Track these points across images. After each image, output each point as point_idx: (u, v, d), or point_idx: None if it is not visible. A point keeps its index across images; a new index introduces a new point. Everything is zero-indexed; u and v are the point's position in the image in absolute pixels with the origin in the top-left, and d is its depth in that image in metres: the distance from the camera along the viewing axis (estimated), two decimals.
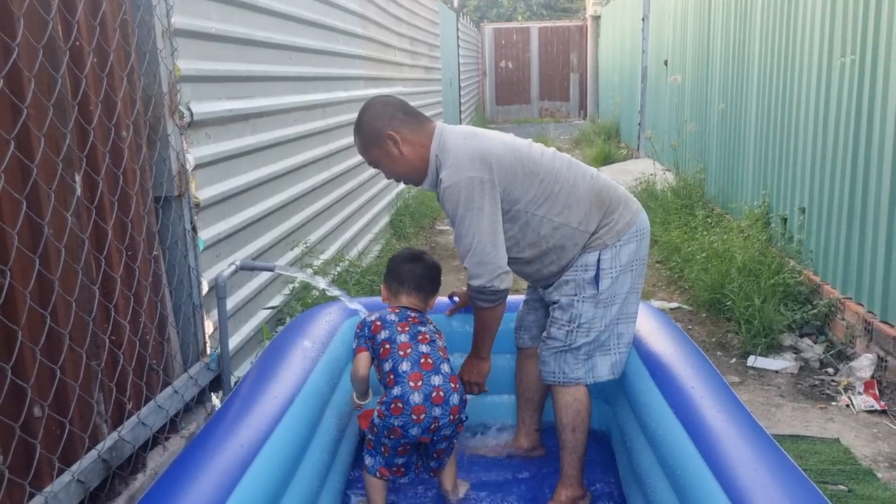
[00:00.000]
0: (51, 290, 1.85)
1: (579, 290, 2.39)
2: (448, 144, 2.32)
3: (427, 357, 2.34)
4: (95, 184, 2.09)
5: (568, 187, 2.37)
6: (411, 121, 2.37)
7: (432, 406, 2.29)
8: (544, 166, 2.36)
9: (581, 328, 2.40)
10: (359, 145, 2.42)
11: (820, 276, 4.51)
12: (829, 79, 4.39)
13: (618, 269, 2.39)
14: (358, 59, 5.81)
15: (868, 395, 3.56)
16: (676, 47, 9.01)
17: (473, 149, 2.30)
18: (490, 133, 2.44)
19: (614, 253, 2.38)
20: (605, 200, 2.40)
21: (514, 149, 2.36)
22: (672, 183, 7.80)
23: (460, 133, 2.38)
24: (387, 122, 2.34)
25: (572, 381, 2.44)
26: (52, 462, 1.85)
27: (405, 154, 2.35)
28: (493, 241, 2.27)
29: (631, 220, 2.42)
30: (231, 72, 3.32)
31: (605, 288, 2.38)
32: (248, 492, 1.83)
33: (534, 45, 22.35)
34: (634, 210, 2.46)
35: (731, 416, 2.06)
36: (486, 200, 2.26)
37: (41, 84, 1.85)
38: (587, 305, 2.39)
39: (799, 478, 1.77)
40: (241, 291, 3.32)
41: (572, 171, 2.41)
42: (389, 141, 2.33)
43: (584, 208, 2.37)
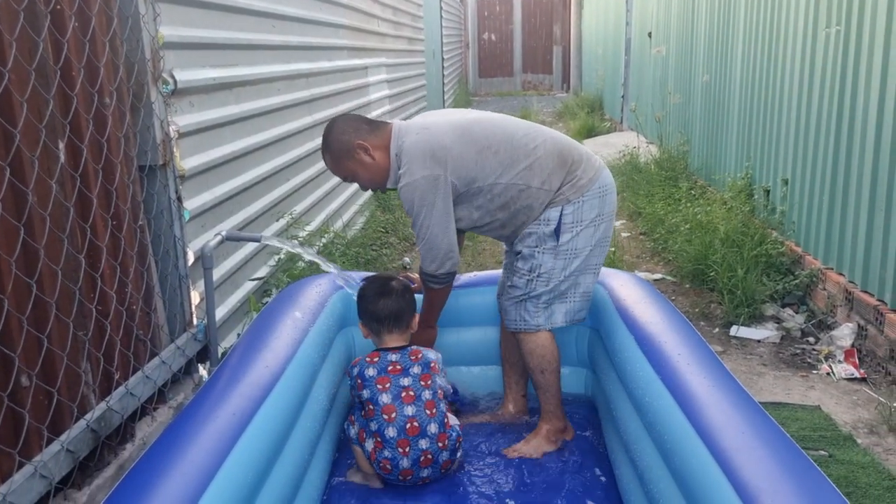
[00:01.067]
0: (36, 258, 1.83)
1: (540, 242, 2.52)
2: (404, 143, 2.44)
3: (413, 421, 2.34)
4: (79, 151, 2.06)
5: (527, 151, 2.47)
6: (373, 128, 2.50)
7: (420, 469, 2.35)
8: (497, 137, 2.47)
9: (540, 278, 2.53)
10: (331, 163, 2.54)
11: (802, 247, 4.56)
12: (814, 50, 4.40)
13: (580, 223, 2.50)
14: (341, 28, 5.74)
15: (848, 364, 3.62)
16: (661, 19, 8.98)
17: (425, 145, 2.41)
18: (442, 119, 2.53)
19: (576, 208, 2.49)
20: (566, 159, 2.50)
21: (465, 131, 2.46)
22: (656, 155, 7.82)
23: (413, 129, 2.48)
24: (353, 134, 2.47)
25: (533, 328, 2.58)
26: (41, 432, 1.84)
27: (377, 160, 2.47)
28: (443, 231, 2.42)
29: (594, 177, 2.53)
30: (214, 39, 3.27)
31: (564, 241, 2.50)
32: (242, 459, 1.84)
33: (517, 17, 22.21)
34: (597, 167, 2.56)
35: (717, 383, 2.09)
36: (439, 196, 2.40)
37: (22, 48, 1.81)
38: (547, 257, 2.52)
39: (784, 440, 1.80)
40: (227, 262, 3.30)
41: (530, 135, 2.51)
42: (360, 150, 2.45)
43: (547, 169, 2.47)
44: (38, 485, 1.78)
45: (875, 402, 3.28)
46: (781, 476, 1.67)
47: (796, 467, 1.72)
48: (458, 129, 2.47)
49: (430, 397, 2.39)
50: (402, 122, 2.56)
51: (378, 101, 7.24)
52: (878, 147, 3.64)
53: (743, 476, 1.68)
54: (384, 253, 5.42)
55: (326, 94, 5.15)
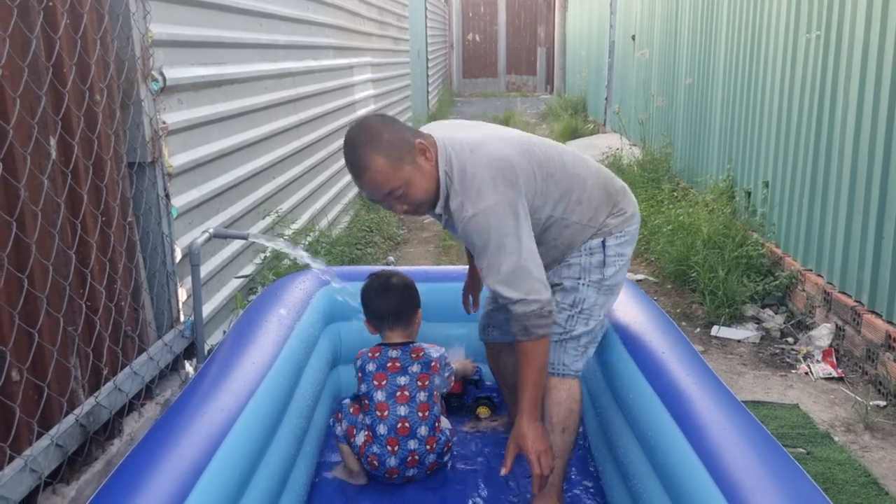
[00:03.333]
0: (27, 253, 1.84)
1: (584, 273, 2.22)
2: (459, 162, 2.02)
3: (404, 421, 2.36)
4: (70, 148, 2.07)
5: (580, 182, 2.17)
6: (417, 132, 2.08)
7: (406, 468, 2.38)
8: (555, 163, 2.15)
9: (582, 314, 2.23)
10: (385, 168, 1.96)
11: (782, 249, 4.63)
12: (795, 54, 4.48)
13: (621, 257, 2.26)
14: (327, 27, 5.75)
15: (826, 363, 3.69)
16: (644, 22, 9.06)
17: (490, 162, 2.01)
18: (494, 133, 2.17)
19: (619, 242, 2.24)
20: (611, 192, 2.25)
21: (527, 151, 2.11)
22: (639, 157, 7.89)
23: (464, 145, 2.05)
24: (409, 132, 2.03)
25: (572, 374, 2.25)
26: (31, 426, 1.85)
27: (431, 171, 2.03)
28: (534, 259, 2.02)
29: (634, 211, 2.30)
30: (203, 37, 3.27)
31: (609, 275, 2.23)
32: (230, 455, 1.85)
33: (501, 18, 22.29)
34: (635, 202, 2.34)
35: (700, 380, 2.13)
36: (522, 220, 2.01)
37: (15, 44, 1.82)
38: (591, 290, 2.23)
39: (764, 436, 1.85)
40: (214, 260, 3.31)
41: (577, 164, 2.21)
42: (420, 152, 2.00)
43: (594, 203, 2.20)
44: (28, 479, 1.79)
45: (852, 401, 3.35)
46: (762, 471, 1.71)
47: (776, 463, 1.76)
48: (518, 147, 2.10)
49: (425, 399, 2.40)
50: (440, 133, 2.13)
51: (363, 101, 7.25)
52: (856, 151, 3.71)
53: (725, 471, 1.72)
54: (368, 252, 5.44)
55: (312, 93, 5.16)
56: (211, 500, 1.71)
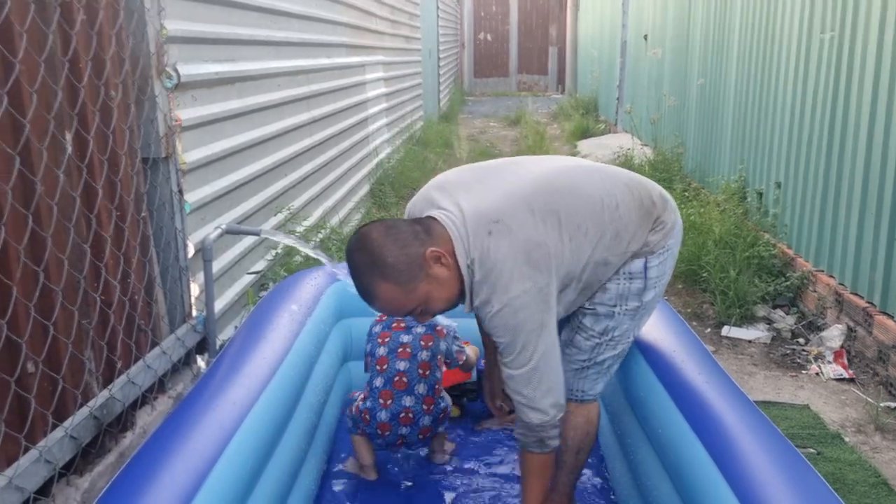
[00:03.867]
0: (43, 247, 1.86)
1: (622, 301, 1.98)
2: (478, 247, 1.77)
3: (402, 376, 2.36)
4: (85, 143, 2.09)
5: (612, 214, 1.89)
6: (427, 228, 1.80)
7: (399, 425, 2.35)
8: (581, 210, 1.86)
9: (612, 342, 2.03)
10: (397, 295, 1.76)
11: (793, 250, 4.61)
12: (808, 55, 4.46)
13: (662, 277, 2.02)
14: (339, 25, 5.77)
15: (837, 364, 3.67)
16: (657, 22, 9.04)
17: (516, 248, 1.76)
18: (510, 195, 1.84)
19: (661, 260, 1.99)
20: (647, 206, 1.96)
21: (552, 211, 1.82)
22: (650, 157, 7.87)
23: (480, 224, 1.78)
24: (415, 241, 1.76)
25: (591, 398, 2.11)
26: (46, 418, 1.86)
27: (452, 269, 1.79)
28: (557, 360, 1.85)
29: (675, 219, 2.03)
30: (217, 34, 3.29)
31: (648, 300, 2.01)
32: (241, 449, 1.86)
33: (513, 18, 22.26)
34: (674, 207, 2.05)
35: (712, 379, 2.13)
36: (547, 313, 1.80)
37: (32, 39, 1.84)
38: (626, 318, 2.01)
39: (776, 436, 1.85)
40: (226, 256, 3.32)
41: (607, 189, 1.92)
42: (433, 261, 1.76)
43: (633, 227, 1.93)
44: (43, 469, 1.81)
45: (863, 402, 3.34)
46: (774, 470, 1.71)
47: (788, 462, 1.76)
48: (539, 209, 1.81)
49: (427, 359, 2.39)
50: (451, 212, 1.83)
51: (375, 99, 7.27)
52: (869, 151, 3.69)
53: (736, 469, 1.72)
54: None
55: (325, 90, 5.18)
56: (222, 492, 1.72)
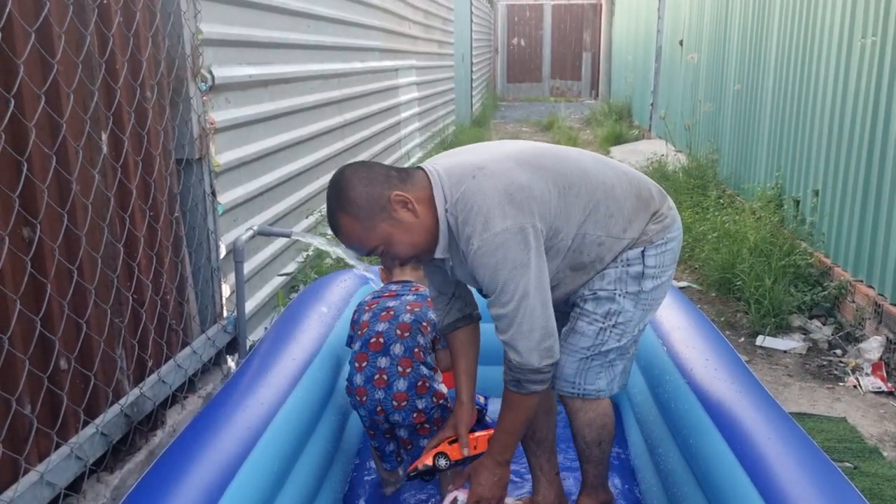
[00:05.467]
0: (77, 245, 1.88)
1: (621, 284, 1.95)
2: (458, 194, 1.78)
3: (379, 336, 2.21)
4: (121, 143, 2.11)
5: (606, 191, 1.90)
6: (405, 175, 1.83)
7: (374, 389, 2.18)
8: (574, 174, 1.88)
9: (616, 328, 1.96)
10: (356, 229, 1.78)
11: (831, 259, 4.52)
12: (849, 60, 4.37)
13: (662, 270, 1.99)
14: (373, 29, 5.79)
15: (876, 377, 3.58)
16: (693, 27, 8.94)
17: (495, 186, 1.76)
18: (494, 152, 1.90)
19: (660, 251, 1.97)
20: (645, 197, 1.97)
21: (536, 165, 1.85)
22: (684, 163, 7.78)
23: (465, 171, 1.81)
24: (384, 183, 1.78)
25: (592, 395, 2.01)
26: (78, 414, 1.89)
27: (421, 217, 1.79)
28: (544, 303, 1.79)
29: (674, 215, 2.04)
30: (251, 37, 3.32)
31: (648, 288, 1.96)
32: (268, 449, 1.87)
33: (547, 23, 22.19)
34: (672, 204, 2.07)
35: (745, 389, 2.08)
36: (532, 253, 1.75)
37: (70, 41, 1.86)
38: (628, 302, 1.95)
39: (811, 448, 1.80)
40: (257, 257, 3.35)
41: (601, 170, 1.94)
42: (398, 204, 1.77)
43: (628, 212, 1.93)
44: (74, 465, 1.83)
45: None
46: (808, 483, 1.67)
47: (824, 476, 1.72)
48: (525, 162, 1.84)
49: (409, 321, 2.23)
50: (437, 165, 1.87)
51: (407, 103, 7.29)
52: None
53: (770, 482, 1.68)
54: None
55: (358, 94, 5.20)
56: (249, 492, 1.73)
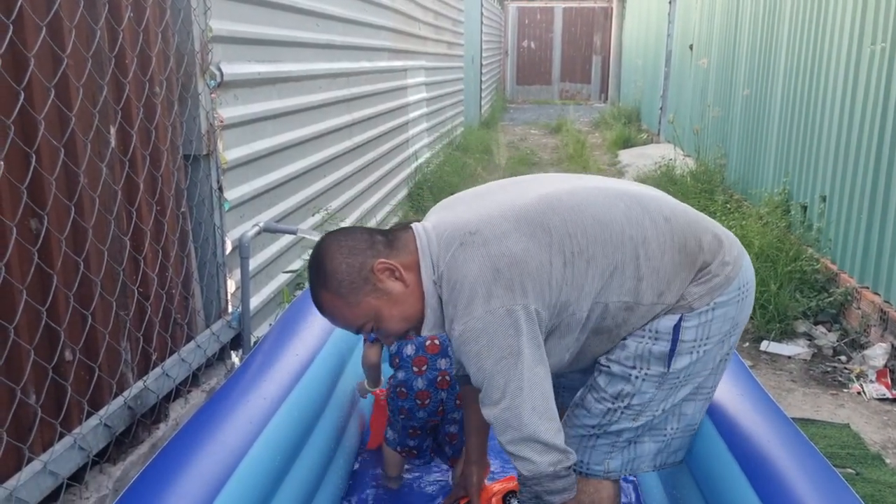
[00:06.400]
0: (84, 238, 1.89)
1: (641, 362, 1.66)
2: (444, 261, 1.56)
3: (434, 339, 2.28)
4: (129, 137, 2.13)
5: (634, 248, 1.59)
6: (391, 239, 1.64)
7: (437, 391, 2.28)
8: (588, 232, 1.57)
9: (629, 409, 1.70)
10: (339, 306, 1.62)
11: (837, 265, 4.51)
12: (858, 66, 4.36)
13: (705, 342, 1.65)
14: (383, 29, 5.81)
15: (880, 384, 3.58)
16: (703, 31, 8.93)
17: (484, 261, 1.52)
18: (492, 206, 1.61)
19: (703, 321, 1.63)
20: (691, 251, 1.63)
21: (536, 225, 1.56)
22: (692, 168, 7.77)
23: (455, 235, 1.57)
24: (367, 251, 1.60)
25: (597, 475, 1.76)
26: (82, 405, 1.90)
27: (410, 284, 1.60)
28: (544, 397, 1.54)
29: (731, 273, 1.65)
30: (261, 35, 3.34)
31: (679, 367, 1.66)
32: (269, 444, 1.88)
33: (557, 26, 22.20)
34: (737, 254, 1.68)
35: (746, 392, 2.08)
36: (524, 339, 1.51)
37: (80, 35, 1.88)
38: (648, 385, 1.67)
39: (812, 452, 1.80)
40: (263, 254, 3.36)
41: (633, 217, 1.61)
42: (384, 273, 1.59)
43: (665, 272, 1.60)
44: (77, 456, 1.84)
45: None
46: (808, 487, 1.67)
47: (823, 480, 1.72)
48: (527, 222, 1.56)
49: None
50: (429, 223, 1.66)
51: (416, 104, 7.30)
52: None
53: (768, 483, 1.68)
54: None
55: (366, 93, 5.21)
56: (249, 486, 1.74)
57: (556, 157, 11.03)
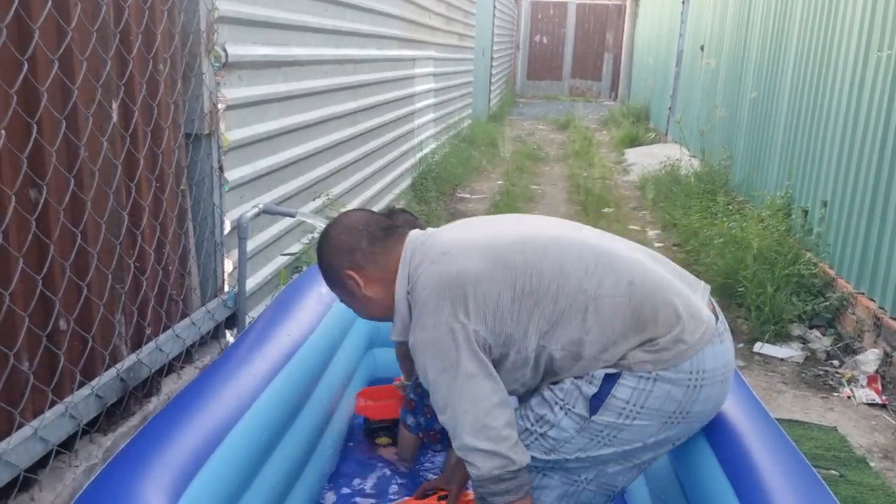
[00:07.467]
0: (83, 209, 1.92)
1: (569, 396, 1.67)
2: (418, 276, 1.69)
3: None
4: (131, 113, 2.15)
5: (585, 301, 1.64)
6: (377, 249, 1.77)
7: None
8: (544, 275, 1.64)
9: (544, 439, 1.71)
10: (326, 283, 1.90)
11: (835, 270, 4.52)
12: (864, 73, 4.36)
13: (637, 409, 1.64)
14: (392, 18, 5.82)
15: (871, 389, 3.59)
16: (714, 32, 8.92)
17: (440, 278, 1.65)
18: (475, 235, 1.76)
19: (641, 387, 1.63)
20: (645, 319, 1.64)
21: (499, 258, 1.66)
22: (696, 169, 7.77)
23: (433, 250, 1.71)
24: (346, 256, 1.78)
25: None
26: (74, 375, 1.93)
27: (371, 296, 1.78)
28: (483, 411, 1.60)
29: (684, 353, 1.63)
30: (268, 17, 3.36)
31: (603, 421, 1.66)
32: (257, 419, 1.91)
33: (570, 22, 22.15)
34: (697, 339, 1.64)
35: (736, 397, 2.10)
36: (464, 355, 1.60)
37: (86, 9, 1.90)
38: (568, 422, 1.68)
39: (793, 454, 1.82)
40: (262, 235, 3.39)
41: (592, 270, 1.66)
42: (350, 281, 1.78)
43: (612, 332, 1.64)
44: (67, 424, 1.87)
45: (893, 429, 3.26)
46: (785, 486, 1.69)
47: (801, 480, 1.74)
48: (492, 254, 1.67)
49: None
50: (424, 235, 1.79)
51: (423, 94, 7.31)
52: None
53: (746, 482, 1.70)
54: None
55: (372, 81, 5.23)
56: (234, 460, 1.77)
57: (563, 153, 11.03)
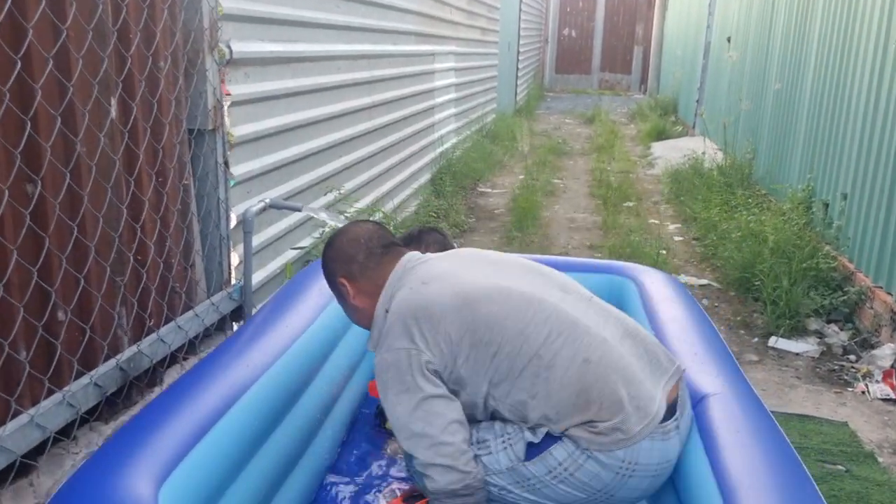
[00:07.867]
0: (80, 204, 1.97)
1: (513, 437, 1.74)
2: (395, 296, 1.81)
3: None
4: (130, 109, 2.20)
5: (536, 368, 1.70)
6: (371, 264, 1.88)
7: None
8: (505, 332, 1.71)
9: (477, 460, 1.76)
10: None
11: (854, 264, 4.44)
12: (884, 64, 4.28)
13: (567, 477, 1.70)
14: (409, 13, 5.83)
15: (885, 384, 3.53)
16: (741, 24, 8.79)
17: (409, 307, 1.76)
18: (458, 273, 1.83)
19: (576, 458, 1.69)
20: (589, 401, 1.68)
21: (468, 304, 1.73)
22: (720, 162, 7.68)
23: (414, 278, 1.83)
24: (343, 265, 1.91)
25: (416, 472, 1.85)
26: (72, 364, 1.99)
27: (358, 306, 1.91)
28: (438, 429, 1.68)
29: (620, 443, 1.67)
30: (275, 14, 3.39)
31: (533, 470, 1.72)
32: (248, 408, 1.94)
33: (599, 15, 21.96)
34: (637, 432, 1.67)
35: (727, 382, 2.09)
36: (419, 380, 1.70)
37: (83, 8, 1.95)
38: (504, 457, 1.74)
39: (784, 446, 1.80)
40: (270, 230, 3.43)
41: (552, 339, 1.71)
42: (342, 288, 1.92)
43: (556, 404, 1.69)
44: (66, 412, 1.93)
45: None
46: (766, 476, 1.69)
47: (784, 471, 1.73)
48: (465, 296, 1.75)
49: None
50: (416, 260, 1.90)
51: (443, 89, 7.32)
52: None
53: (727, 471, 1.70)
54: None
55: (388, 76, 5.25)
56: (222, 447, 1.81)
57: (588, 147, 10.97)
